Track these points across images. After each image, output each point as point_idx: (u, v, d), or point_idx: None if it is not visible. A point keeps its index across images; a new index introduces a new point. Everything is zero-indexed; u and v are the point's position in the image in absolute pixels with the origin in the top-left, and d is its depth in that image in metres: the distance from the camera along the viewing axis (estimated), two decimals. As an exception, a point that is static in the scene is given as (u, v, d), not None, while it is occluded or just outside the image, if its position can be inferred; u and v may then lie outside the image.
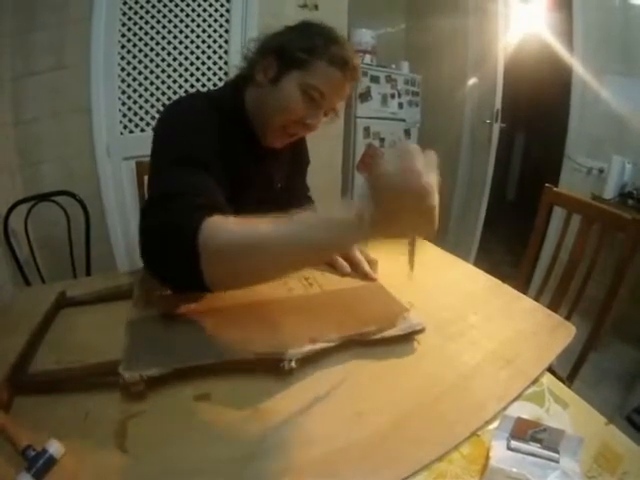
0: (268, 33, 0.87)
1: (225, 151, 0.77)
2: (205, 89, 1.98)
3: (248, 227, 0.54)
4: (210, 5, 1.95)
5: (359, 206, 0.50)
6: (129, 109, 1.88)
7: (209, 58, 1.99)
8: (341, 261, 0.91)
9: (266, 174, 0.96)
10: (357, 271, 0.89)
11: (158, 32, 1.86)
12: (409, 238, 0.56)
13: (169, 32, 1.89)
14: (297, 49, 0.79)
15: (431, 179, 0.48)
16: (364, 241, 0.54)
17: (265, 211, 0.52)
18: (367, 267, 0.89)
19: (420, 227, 0.53)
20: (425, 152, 0.50)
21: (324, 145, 2.41)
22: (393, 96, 2.78)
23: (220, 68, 2.02)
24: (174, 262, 0.55)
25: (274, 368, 0.57)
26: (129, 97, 1.87)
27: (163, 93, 1.93)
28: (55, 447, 0.44)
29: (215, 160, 0.72)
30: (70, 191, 1.52)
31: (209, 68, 2.00)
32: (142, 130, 1.91)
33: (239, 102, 0.87)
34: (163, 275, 0.60)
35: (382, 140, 2.80)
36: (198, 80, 2.00)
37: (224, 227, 0.55)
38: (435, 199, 0.49)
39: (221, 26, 1.99)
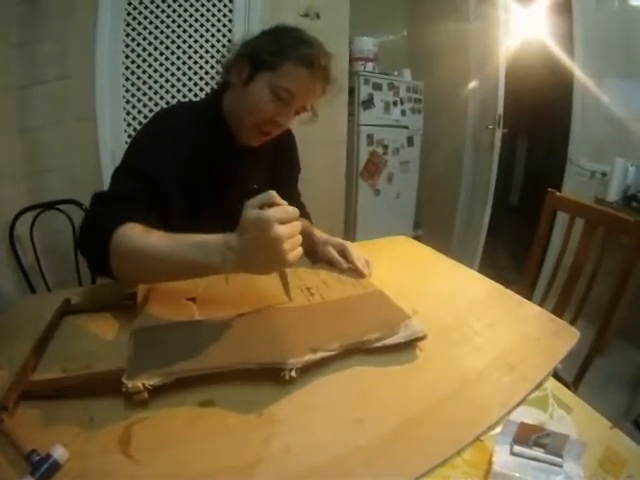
0: (244, 39, 0.91)
1: (201, 156, 0.87)
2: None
3: (143, 238, 0.66)
4: (213, 15, 1.98)
5: (228, 239, 0.60)
6: (134, 118, 1.90)
7: (212, 68, 2.01)
8: (337, 257, 0.95)
9: (242, 174, 1.00)
10: (350, 263, 0.94)
11: (162, 42, 1.89)
12: (266, 275, 0.65)
13: (172, 42, 1.91)
14: (267, 52, 0.84)
15: (280, 232, 0.56)
16: (230, 269, 0.61)
17: (236, 207, 0.61)
18: (360, 264, 0.92)
19: (271, 267, 0.63)
20: (283, 208, 0.59)
21: (328, 152, 2.42)
22: (396, 103, 2.80)
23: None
24: (96, 253, 0.70)
25: (274, 375, 0.57)
26: (133, 106, 1.90)
27: (167, 102, 1.95)
28: (59, 452, 0.44)
29: (170, 175, 0.81)
30: (76, 200, 1.53)
31: (212, 78, 2.02)
32: (146, 139, 1.93)
33: (218, 106, 0.93)
34: (88, 260, 0.75)
35: (385, 147, 2.81)
36: (202, 89, 2.02)
37: (128, 235, 0.67)
38: (282, 249, 0.57)
39: (224, 36, 2.01)
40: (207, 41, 1.98)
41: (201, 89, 2.02)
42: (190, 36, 1.94)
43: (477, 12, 2.70)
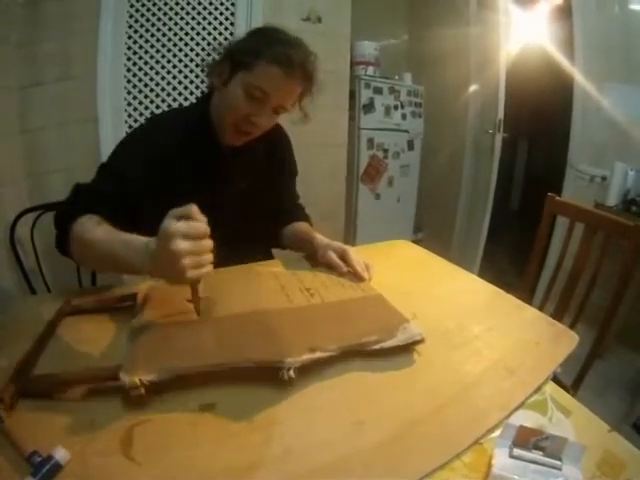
0: (230, 40, 0.95)
1: (184, 157, 0.92)
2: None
3: (92, 229, 0.74)
4: (215, 19, 1.99)
5: (150, 243, 0.62)
6: (135, 121, 1.91)
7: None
8: (337, 261, 0.94)
9: (226, 174, 1.00)
10: (350, 267, 0.93)
11: (164, 45, 1.90)
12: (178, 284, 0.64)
13: (174, 45, 1.92)
14: (243, 52, 0.86)
15: (180, 246, 0.57)
16: (148, 273, 0.65)
17: (224, 207, 0.66)
18: (359, 268, 0.91)
19: (173, 279, 0.63)
20: (192, 224, 0.59)
21: (328, 156, 2.43)
22: (396, 107, 2.81)
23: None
24: (61, 236, 0.80)
25: (274, 377, 0.57)
26: (135, 109, 1.90)
27: (169, 105, 1.96)
28: (61, 453, 0.44)
29: (139, 177, 0.87)
30: (77, 201, 1.53)
31: (214, 80, 2.03)
32: (148, 141, 1.93)
33: (205, 108, 0.96)
34: (56, 240, 0.84)
35: (386, 151, 2.82)
36: (203, 92, 2.02)
37: (83, 224, 0.76)
38: (180, 264, 0.58)
39: (226, 39, 2.02)
40: (209, 44, 1.99)
41: (202, 92, 2.02)
42: (192, 39, 1.96)
43: (478, 16, 2.71)
